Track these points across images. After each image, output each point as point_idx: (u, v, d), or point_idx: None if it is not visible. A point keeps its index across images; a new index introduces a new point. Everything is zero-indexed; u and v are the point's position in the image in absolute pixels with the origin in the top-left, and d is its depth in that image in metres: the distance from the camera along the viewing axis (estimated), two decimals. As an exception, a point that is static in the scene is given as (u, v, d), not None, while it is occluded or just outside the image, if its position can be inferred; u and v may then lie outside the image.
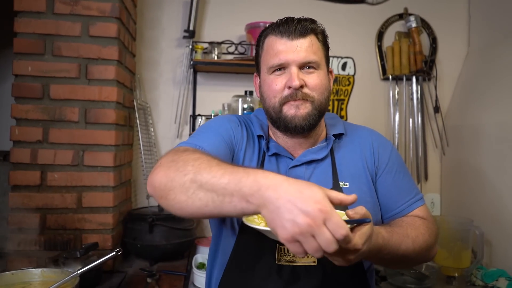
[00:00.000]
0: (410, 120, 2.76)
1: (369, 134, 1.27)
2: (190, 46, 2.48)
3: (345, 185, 1.15)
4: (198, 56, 2.46)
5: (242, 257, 1.13)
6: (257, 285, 1.09)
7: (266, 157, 1.19)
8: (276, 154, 1.19)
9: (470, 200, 2.47)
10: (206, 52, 2.53)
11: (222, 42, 2.57)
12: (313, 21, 1.16)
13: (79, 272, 1.35)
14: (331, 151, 1.20)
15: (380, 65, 2.79)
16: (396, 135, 2.74)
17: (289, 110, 1.12)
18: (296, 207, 0.68)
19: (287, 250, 1.08)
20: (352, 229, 0.80)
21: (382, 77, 2.80)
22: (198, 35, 2.61)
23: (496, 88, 2.35)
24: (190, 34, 2.49)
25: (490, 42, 2.56)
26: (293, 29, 1.12)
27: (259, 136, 1.22)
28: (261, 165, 1.18)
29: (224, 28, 2.63)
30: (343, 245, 0.72)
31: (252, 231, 0.84)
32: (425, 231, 1.14)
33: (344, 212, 0.85)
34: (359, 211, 0.84)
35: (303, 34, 1.12)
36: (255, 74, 1.27)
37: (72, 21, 1.97)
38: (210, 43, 2.52)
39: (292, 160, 1.18)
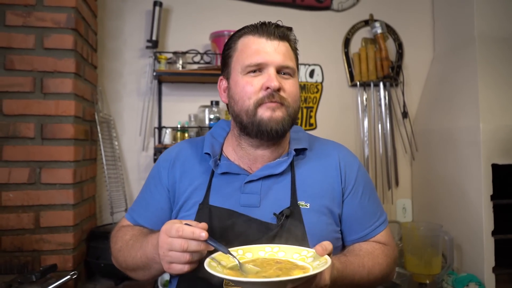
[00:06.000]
0: (379, 126, 2.76)
1: (336, 152, 1.19)
2: (154, 57, 2.42)
3: (306, 205, 1.08)
4: (162, 67, 2.40)
5: None
6: None
7: (215, 175, 1.12)
8: (227, 173, 1.12)
9: (439, 205, 2.48)
10: (171, 62, 2.47)
11: (187, 52, 2.51)
12: (289, 29, 1.14)
13: (30, 299, 1.27)
14: (292, 167, 1.12)
15: (347, 71, 2.79)
16: (366, 141, 2.73)
17: (265, 113, 1.04)
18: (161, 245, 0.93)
19: None
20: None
21: (350, 83, 2.79)
22: (162, 44, 2.55)
23: (461, 92, 2.37)
24: (153, 44, 2.43)
25: (453, 47, 2.58)
26: (273, 31, 1.09)
27: (207, 155, 1.15)
28: (208, 183, 1.12)
29: (189, 37, 2.58)
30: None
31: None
32: (383, 260, 1.11)
33: (309, 250, 0.91)
34: (327, 246, 0.87)
35: (281, 38, 1.09)
36: (220, 77, 1.16)
37: (25, 33, 1.89)
38: (174, 53, 2.46)
39: (248, 175, 1.10)
